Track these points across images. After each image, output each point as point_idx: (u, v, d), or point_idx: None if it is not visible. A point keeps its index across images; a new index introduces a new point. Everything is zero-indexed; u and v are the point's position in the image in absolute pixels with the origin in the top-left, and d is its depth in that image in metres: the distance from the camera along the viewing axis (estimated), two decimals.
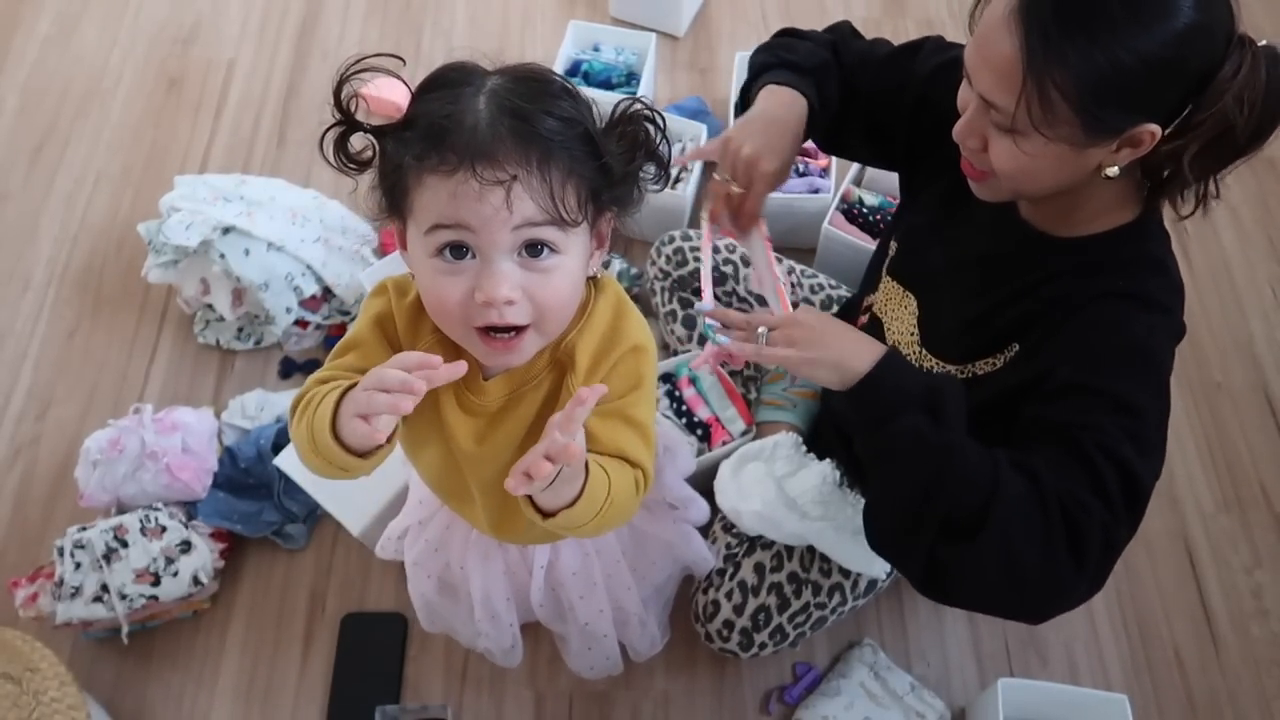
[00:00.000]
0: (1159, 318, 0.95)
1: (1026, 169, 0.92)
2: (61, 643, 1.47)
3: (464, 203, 0.74)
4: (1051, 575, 0.87)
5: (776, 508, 1.30)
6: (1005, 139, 0.91)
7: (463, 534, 1.13)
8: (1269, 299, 1.85)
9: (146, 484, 1.49)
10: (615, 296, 0.92)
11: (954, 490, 0.88)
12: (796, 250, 1.80)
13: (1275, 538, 1.62)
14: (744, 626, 1.32)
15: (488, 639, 1.21)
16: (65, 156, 2.00)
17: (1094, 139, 0.87)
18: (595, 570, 1.14)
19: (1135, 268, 0.96)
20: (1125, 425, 0.90)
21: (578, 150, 0.77)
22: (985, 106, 0.90)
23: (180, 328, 1.78)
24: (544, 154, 0.74)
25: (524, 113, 0.74)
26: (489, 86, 0.77)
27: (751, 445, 1.41)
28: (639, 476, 0.87)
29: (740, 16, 2.25)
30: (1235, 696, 1.48)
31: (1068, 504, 0.87)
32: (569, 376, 0.88)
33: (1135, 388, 0.92)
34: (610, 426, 0.87)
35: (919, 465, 0.91)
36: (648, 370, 0.91)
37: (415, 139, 0.76)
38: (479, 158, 0.72)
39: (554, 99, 0.77)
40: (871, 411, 0.96)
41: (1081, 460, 0.88)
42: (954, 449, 0.90)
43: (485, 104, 0.75)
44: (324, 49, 2.17)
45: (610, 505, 0.82)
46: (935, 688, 1.46)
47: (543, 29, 2.22)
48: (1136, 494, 0.89)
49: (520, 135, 0.74)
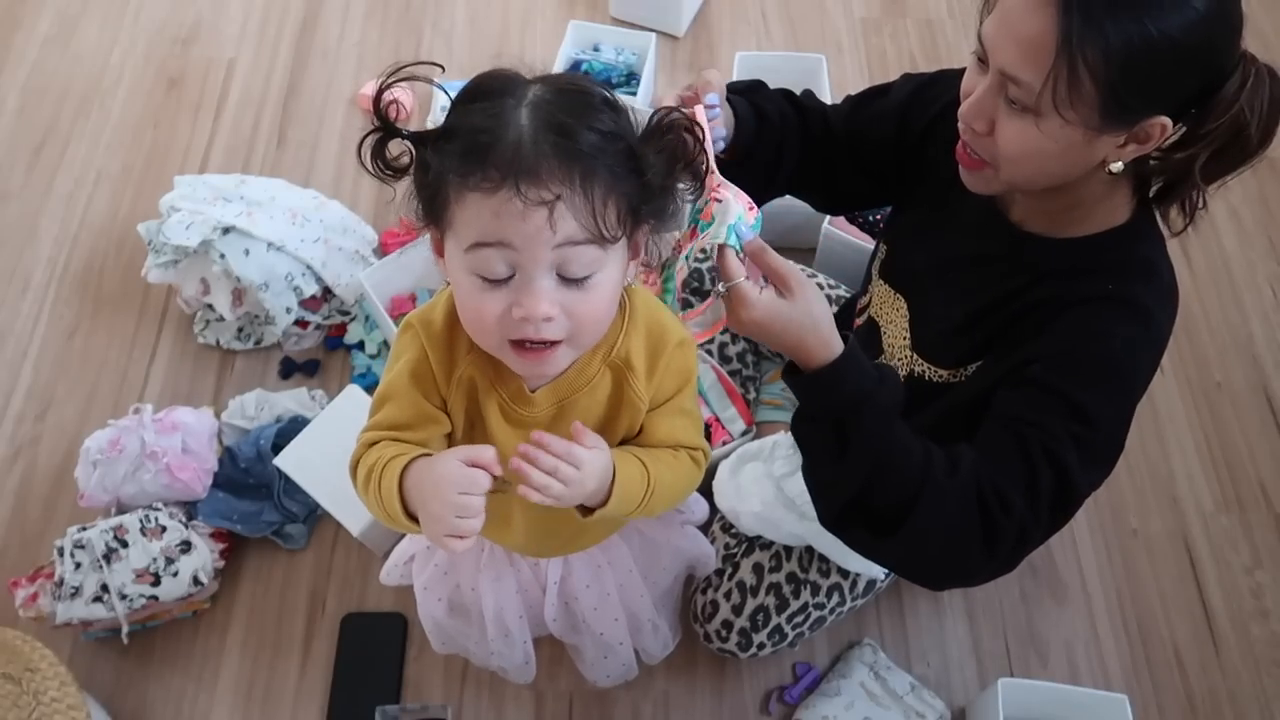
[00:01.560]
0: (1141, 330, 0.95)
1: (1033, 154, 0.90)
2: (61, 643, 1.47)
3: (507, 221, 0.73)
4: (959, 562, 0.96)
5: (775, 508, 1.30)
6: (1017, 120, 0.89)
7: (474, 556, 1.13)
8: (1269, 299, 1.85)
9: (146, 484, 1.49)
10: (645, 293, 0.93)
11: (883, 489, 0.93)
12: (796, 250, 1.80)
13: (1275, 538, 1.62)
14: (742, 627, 1.32)
15: (501, 658, 1.21)
16: (65, 156, 2.00)
17: (1109, 125, 0.86)
18: (608, 581, 1.14)
19: (1125, 270, 0.96)
20: (1076, 433, 0.92)
21: (619, 166, 0.76)
22: (1000, 85, 0.89)
23: (180, 328, 1.78)
24: (587, 171, 0.73)
25: (566, 128, 0.73)
26: (530, 98, 0.75)
27: (750, 445, 1.41)
28: (697, 456, 0.97)
29: (740, 16, 2.25)
30: (1235, 696, 1.48)
31: (990, 502, 0.91)
32: (629, 379, 0.90)
33: (1099, 401, 0.93)
34: (668, 423, 0.94)
35: (855, 465, 0.93)
36: (693, 363, 0.95)
37: (456, 153, 0.74)
38: (523, 175, 0.71)
39: (595, 112, 0.76)
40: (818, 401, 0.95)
41: (1023, 455, 0.92)
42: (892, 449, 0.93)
43: (528, 118, 0.74)
44: (324, 49, 2.17)
45: (652, 495, 0.89)
46: (935, 688, 1.46)
47: (543, 29, 2.22)
48: (1067, 500, 0.93)
49: (563, 152, 0.72)
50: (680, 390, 0.94)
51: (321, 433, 1.49)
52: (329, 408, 1.53)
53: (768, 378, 1.62)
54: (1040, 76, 0.84)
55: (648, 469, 0.90)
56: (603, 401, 0.91)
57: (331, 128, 2.05)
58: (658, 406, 0.94)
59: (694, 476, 0.97)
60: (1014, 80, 0.87)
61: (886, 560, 1.07)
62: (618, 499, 0.86)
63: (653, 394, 0.93)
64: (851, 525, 0.98)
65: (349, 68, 2.14)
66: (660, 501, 0.92)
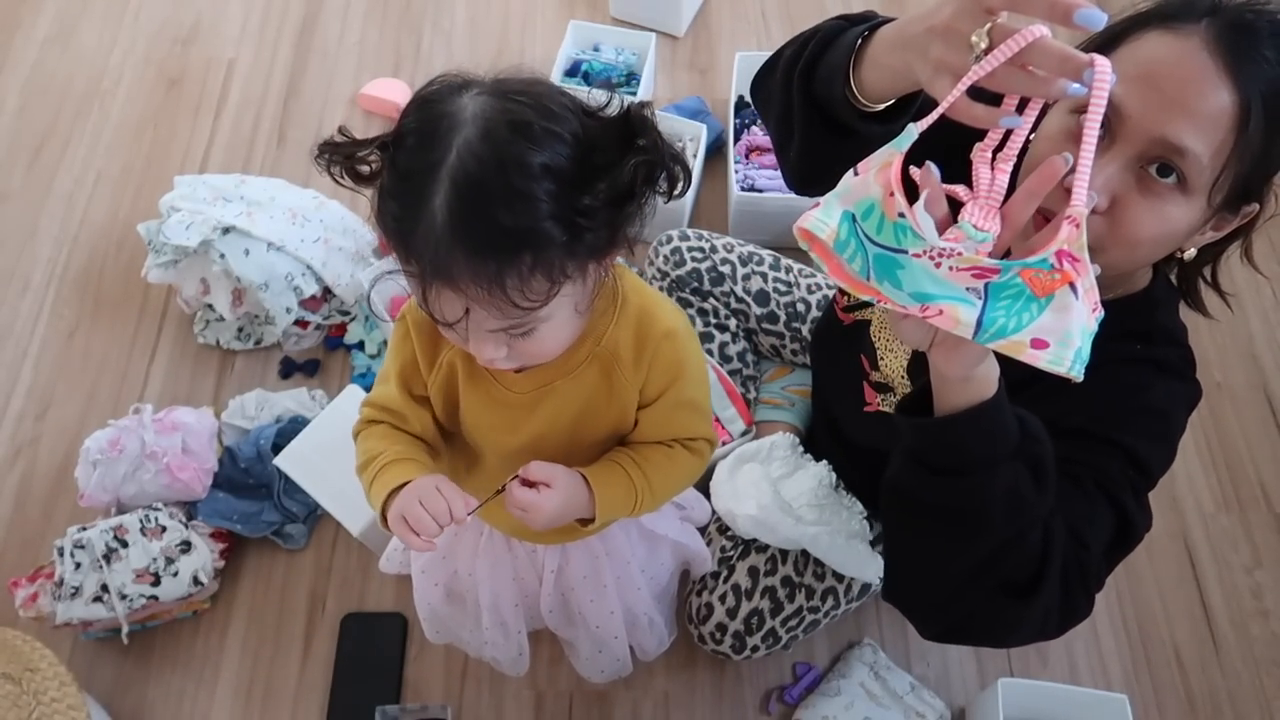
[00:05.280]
0: (1177, 384, 0.89)
1: (1161, 237, 0.77)
2: (61, 643, 1.47)
3: (438, 303, 0.75)
4: (1074, 615, 0.83)
5: (772, 511, 1.30)
6: (1155, 199, 0.75)
7: (472, 542, 1.13)
8: (1269, 299, 1.85)
9: (146, 484, 1.49)
10: (634, 281, 0.92)
11: (1020, 552, 0.78)
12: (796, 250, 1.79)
13: (1275, 538, 1.62)
14: (737, 630, 1.32)
15: (495, 648, 1.21)
16: (65, 156, 2.00)
17: (1229, 207, 0.79)
18: (605, 572, 1.14)
19: (1149, 336, 0.91)
20: (1132, 478, 0.84)
21: (548, 233, 0.71)
22: (1144, 157, 0.75)
23: (180, 328, 1.78)
24: (501, 267, 0.70)
25: (483, 212, 0.69)
26: (457, 149, 0.70)
27: (748, 446, 1.41)
28: (697, 445, 0.96)
29: (740, 16, 2.25)
30: (1235, 696, 1.48)
31: (1076, 551, 0.81)
32: (617, 369, 0.91)
33: (1149, 449, 0.85)
34: (662, 418, 0.94)
35: (1005, 523, 0.76)
36: (684, 353, 0.92)
37: (387, 226, 0.74)
38: (439, 276, 0.72)
39: (522, 169, 0.69)
40: (957, 453, 0.75)
41: (1086, 495, 0.83)
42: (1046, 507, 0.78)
43: (444, 198, 0.69)
44: (324, 49, 2.17)
45: (641, 501, 0.92)
46: (935, 688, 1.46)
47: (543, 29, 2.21)
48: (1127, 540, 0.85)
49: (477, 249, 0.70)
50: (674, 383, 0.93)
51: (321, 433, 1.49)
52: (329, 408, 1.53)
53: (767, 377, 1.62)
54: (1210, 148, 0.72)
55: (631, 476, 0.92)
56: (588, 389, 0.91)
57: (331, 128, 2.00)
58: (651, 403, 0.94)
59: (694, 466, 0.98)
60: (1179, 151, 0.73)
61: (1009, 635, 0.85)
62: (604, 511, 0.91)
63: (642, 386, 0.92)
64: (976, 593, 0.80)
65: (349, 68, 2.14)
66: (657, 499, 0.95)
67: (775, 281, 1.55)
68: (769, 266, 1.56)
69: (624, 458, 0.94)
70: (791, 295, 1.55)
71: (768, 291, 1.55)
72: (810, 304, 1.55)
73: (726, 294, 1.56)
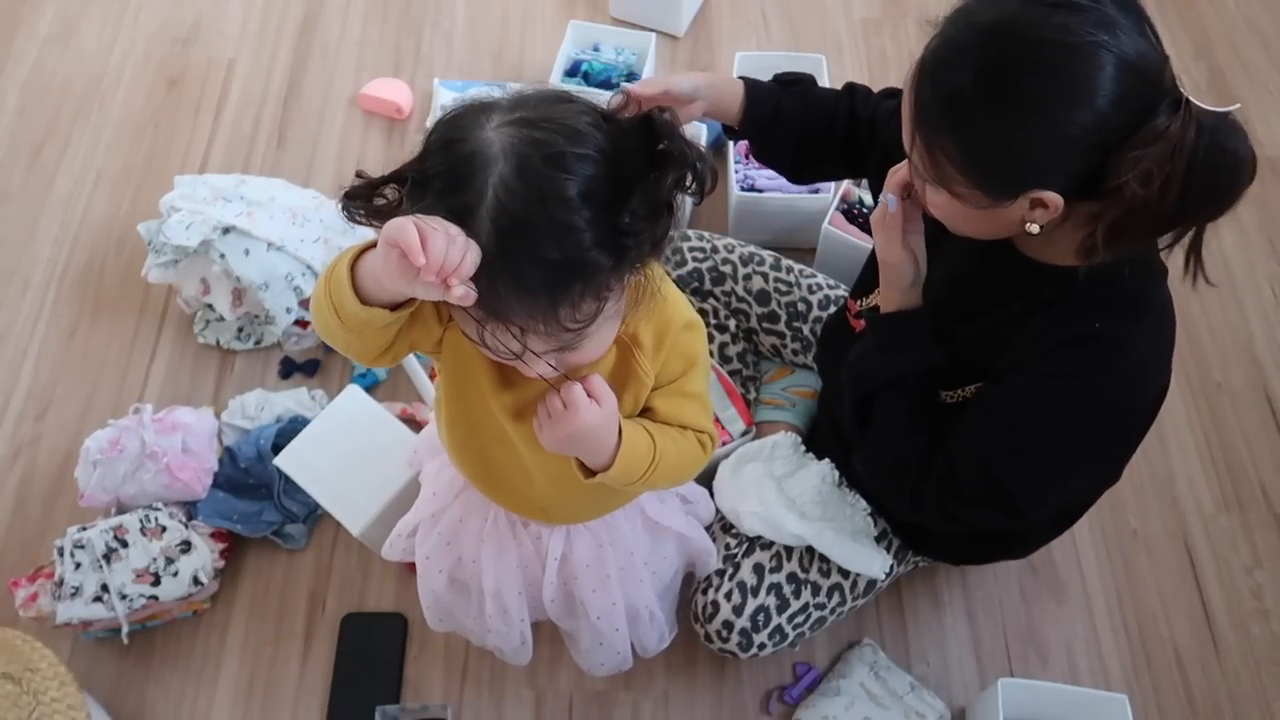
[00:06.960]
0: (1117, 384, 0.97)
1: (947, 216, 0.96)
2: (61, 643, 1.47)
3: (494, 340, 0.76)
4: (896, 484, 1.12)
5: (775, 508, 1.30)
6: (929, 186, 0.95)
7: (477, 527, 1.13)
8: (1269, 299, 1.85)
9: (146, 484, 1.49)
10: (659, 272, 0.92)
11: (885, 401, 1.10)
12: (796, 250, 1.80)
13: (1275, 538, 1.62)
14: (743, 627, 1.32)
15: (498, 636, 1.21)
16: (65, 156, 2.00)
17: (995, 200, 0.90)
18: (609, 562, 1.14)
19: (1110, 306, 0.96)
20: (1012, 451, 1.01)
21: (595, 260, 0.72)
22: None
23: (180, 328, 1.78)
24: (554, 299, 0.72)
25: (527, 254, 0.69)
26: (490, 198, 0.69)
27: (750, 445, 1.41)
28: (704, 439, 0.98)
29: (740, 16, 2.25)
30: (1235, 696, 1.48)
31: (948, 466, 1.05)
32: (636, 355, 0.91)
33: (1039, 447, 1.01)
34: (672, 403, 0.96)
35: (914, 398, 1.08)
36: (700, 347, 0.96)
37: None
38: (492, 315, 0.74)
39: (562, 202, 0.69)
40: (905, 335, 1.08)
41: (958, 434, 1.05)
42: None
43: (487, 243, 0.69)
44: (324, 49, 2.17)
45: (656, 467, 0.91)
46: (935, 688, 1.46)
47: (543, 29, 2.21)
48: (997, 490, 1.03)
49: (527, 291, 0.71)
50: (686, 373, 0.96)
51: (321, 433, 1.49)
52: (329, 408, 1.53)
53: (768, 378, 1.62)
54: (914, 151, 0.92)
55: (654, 440, 0.92)
56: (605, 373, 0.92)
57: (332, 128, 2.05)
58: (662, 387, 0.95)
59: (699, 457, 0.99)
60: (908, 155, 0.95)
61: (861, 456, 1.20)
62: (622, 464, 0.89)
63: (658, 372, 0.94)
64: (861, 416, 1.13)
65: (349, 68, 2.14)
66: (664, 476, 0.94)
67: (776, 281, 1.56)
68: (770, 266, 1.57)
69: (646, 424, 0.94)
70: (792, 295, 1.55)
71: (768, 291, 1.55)
72: (811, 304, 1.56)
73: (727, 293, 1.56)
